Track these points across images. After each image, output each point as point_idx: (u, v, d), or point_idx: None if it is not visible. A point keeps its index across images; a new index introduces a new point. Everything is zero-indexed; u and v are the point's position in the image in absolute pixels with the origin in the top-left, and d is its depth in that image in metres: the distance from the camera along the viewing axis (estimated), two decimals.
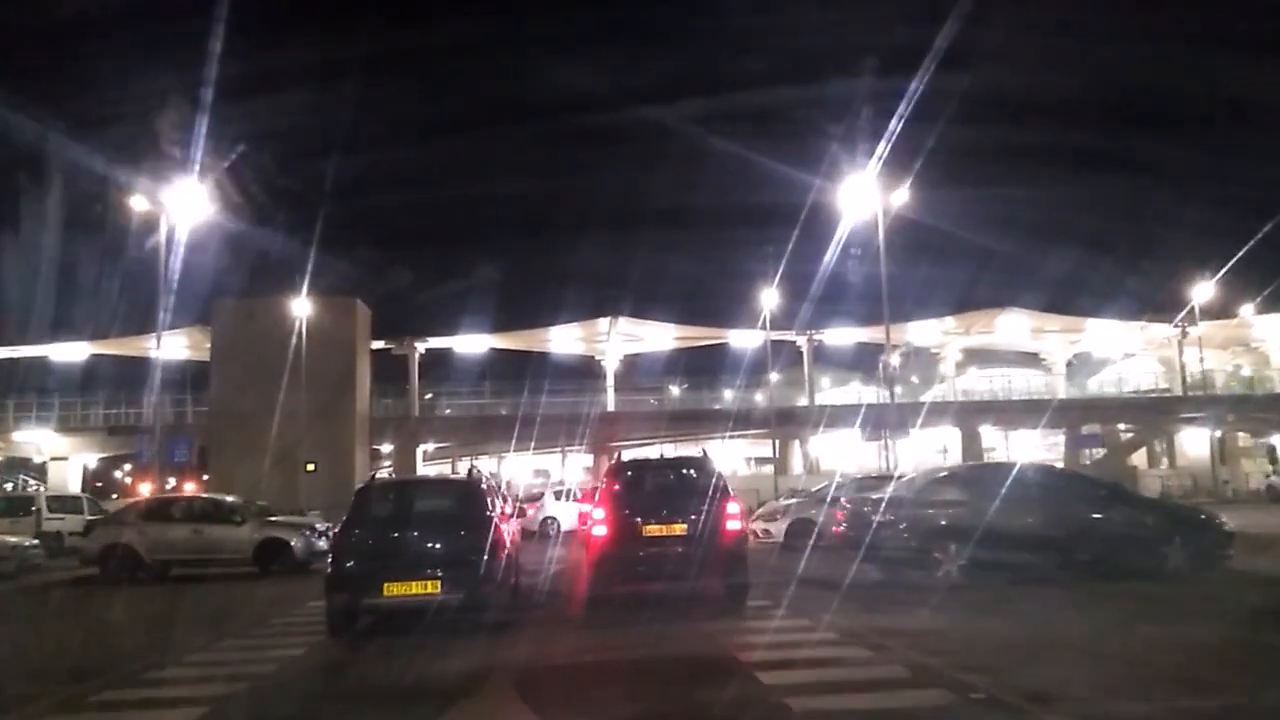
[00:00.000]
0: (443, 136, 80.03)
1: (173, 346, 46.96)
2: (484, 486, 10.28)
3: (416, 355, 46.83)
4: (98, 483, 51.60)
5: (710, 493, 10.62)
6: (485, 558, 9.34)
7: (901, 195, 24.67)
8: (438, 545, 9.41)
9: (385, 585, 9.06)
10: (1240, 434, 51.62)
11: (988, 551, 11.28)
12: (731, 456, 56.17)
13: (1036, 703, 5.75)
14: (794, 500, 20.65)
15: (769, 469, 54.18)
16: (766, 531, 19.35)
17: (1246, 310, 48.78)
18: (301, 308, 38.17)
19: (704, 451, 12.88)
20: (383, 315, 45.77)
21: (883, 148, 22.52)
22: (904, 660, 7.18)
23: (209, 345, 42.94)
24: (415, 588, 9.08)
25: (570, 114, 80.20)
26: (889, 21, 48.33)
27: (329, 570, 9.33)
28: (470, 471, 10.89)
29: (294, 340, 37.20)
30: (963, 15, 18.05)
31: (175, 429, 44.13)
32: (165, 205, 24.36)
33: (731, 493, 10.90)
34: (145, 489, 42.36)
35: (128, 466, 54.46)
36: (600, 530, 10.73)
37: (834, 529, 12.99)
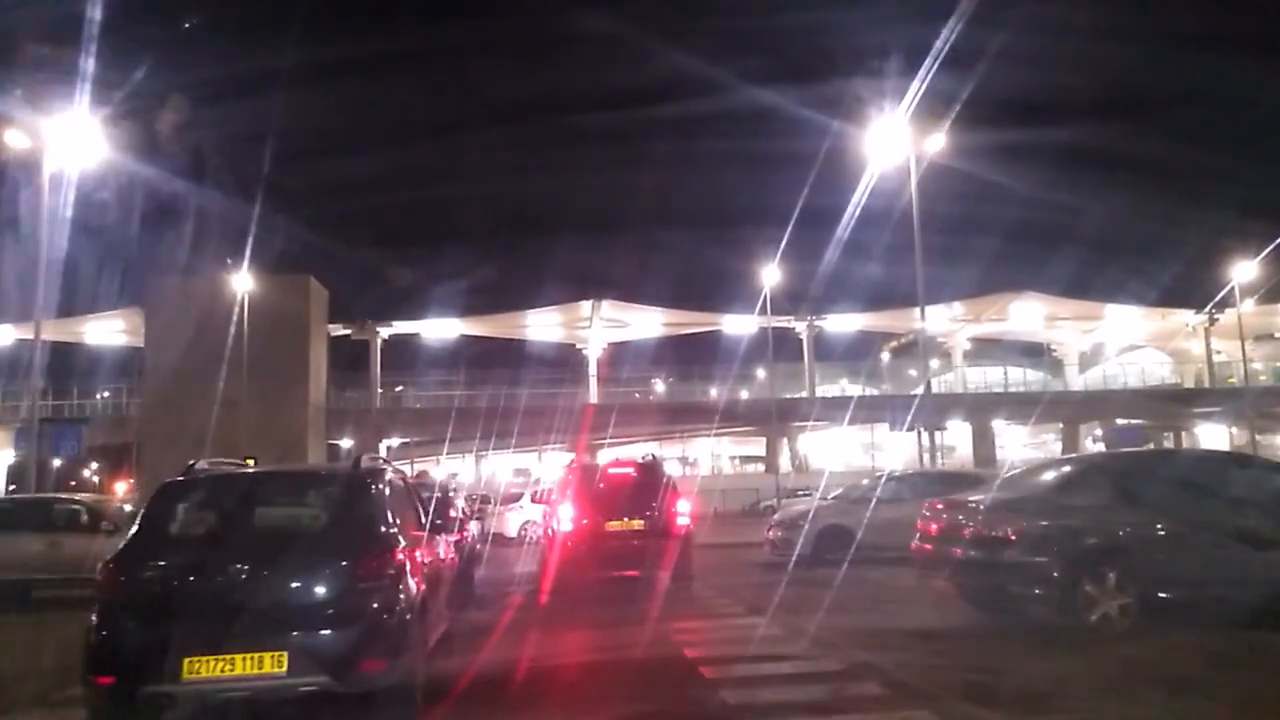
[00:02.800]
0: (414, 106, 75.58)
1: (107, 331, 42.80)
2: (381, 487, 6.20)
3: (379, 341, 42.72)
4: (71, 481, 46.91)
5: (662, 492, 11.91)
6: (374, 610, 5.39)
7: (937, 141, 20.86)
8: (287, 591, 5.41)
9: (186, 661, 5.07)
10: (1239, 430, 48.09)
11: (1168, 584, 7.39)
12: (720, 454, 52.75)
13: None
14: (822, 502, 16.68)
15: (753, 467, 50.76)
16: (788, 542, 15.31)
17: (1246, 305, 45.24)
18: (248, 285, 33.98)
19: (653, 455, 13.73)
20: (342, 297, 41.85)
21: (906, 104, 19.40)
22: None
23: None
24: (242, 665, 5.10)
25: (552, 77, 75.64)
26: None
27: (89, 634, 5.32)
28: (357, 461, 6.63)
29: (237, 321, 33.03)
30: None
31: (114, 423, 40.06)
32: (79, 160, 20.20)
33: (679, 492, 12.18)
34: (121, 488, 38.40)
35: (95, 465, 49.96)
36: (567, 526, 11.74)
37: (914, 544, 9.02)
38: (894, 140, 20.85)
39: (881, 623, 8.69)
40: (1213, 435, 47.81)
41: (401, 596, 5.63)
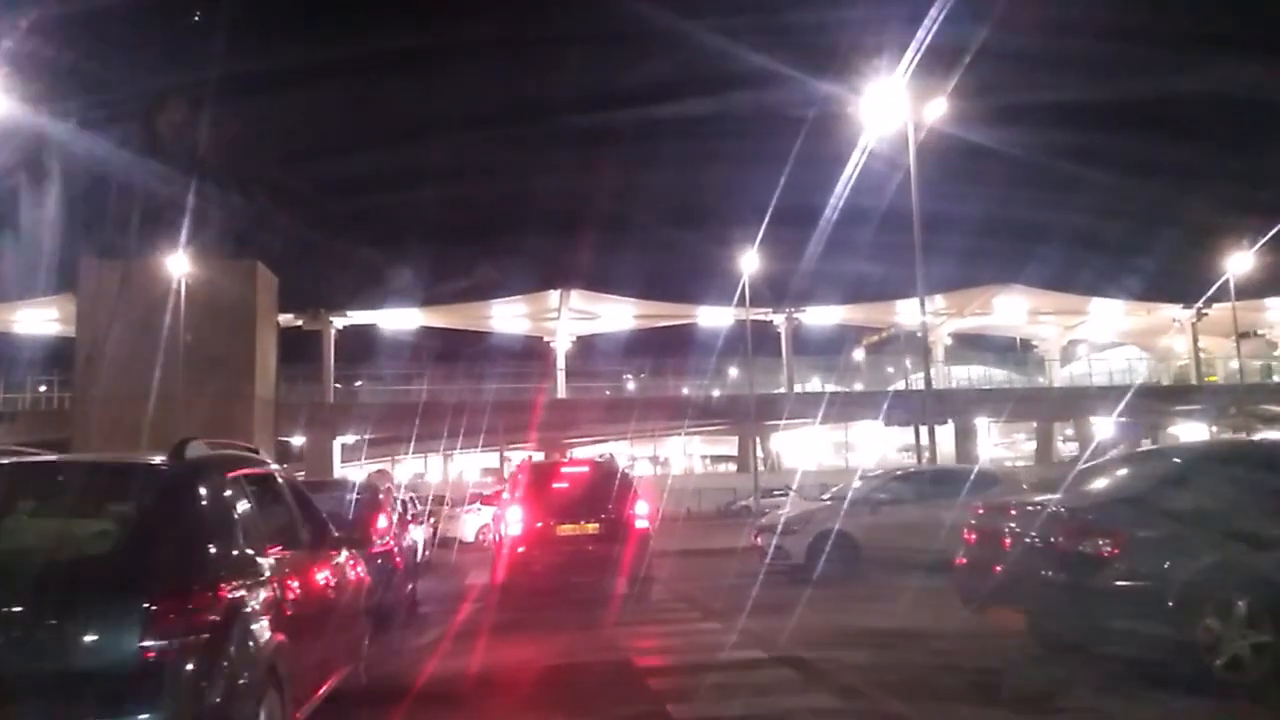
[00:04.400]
0: (377, 91, 72.49)
1: (39, 319, 40.15)
2: (218, 489, 4.12)
3: (332, 331, 40.26)
4: None
5: (619, 494, 11.15)
6: (185, 678, 3.37)
7: (938, 107, 19.01)
8: (40, 650, 3.35)
9: None
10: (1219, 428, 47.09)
11: None
12: (692, 453, 51.08)
13: None
14: (816, 503, 14.78)
15: (724, 467, 49.07)
16: (778, 549, 13.25)
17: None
18: (189, 269, 31.54)
19: (610, 455, 13.17)
20: (293, 284, 39.18)
21: (901, 70, 17.58)
22: None
23: None
24: None
25: (522, 66, 72.92)
26: None
27: None
28: (180, 448, 4.47)
29: (175, 308, 30.58)
30: None
31: (53, 417, 37.43)
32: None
33: (637, 492, 11.39)
34: None
35: None
36: (517, 530, 10.91)
37: (957, 559, 7.09)
38: (885, 113, 19.05)
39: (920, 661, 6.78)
40: (1195, 434, 46.75)
41: (235, 653, 3.58)
